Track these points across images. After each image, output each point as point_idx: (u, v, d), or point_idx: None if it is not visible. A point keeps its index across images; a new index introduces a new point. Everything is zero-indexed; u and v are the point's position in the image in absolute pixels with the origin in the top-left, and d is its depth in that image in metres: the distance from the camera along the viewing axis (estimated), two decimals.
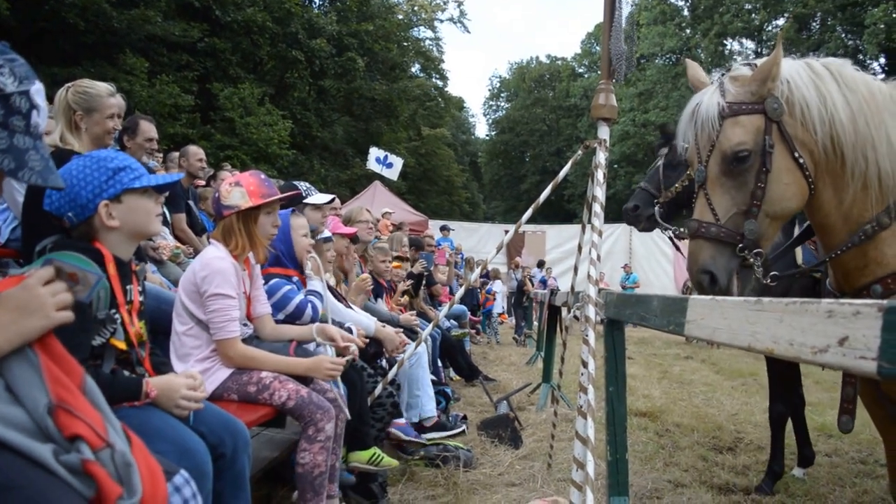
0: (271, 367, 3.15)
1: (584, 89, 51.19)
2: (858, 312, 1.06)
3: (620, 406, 2.88)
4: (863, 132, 2.51)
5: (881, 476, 5.07)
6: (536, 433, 5.85)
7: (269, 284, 3.73)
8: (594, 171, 3.46)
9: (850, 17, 40.86)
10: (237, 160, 20.98)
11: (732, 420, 6.95)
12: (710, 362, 12.13)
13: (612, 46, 3.53)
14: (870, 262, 2.60)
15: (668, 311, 2.09)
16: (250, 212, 3.23)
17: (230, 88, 24.10)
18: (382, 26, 34.19)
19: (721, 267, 2.49)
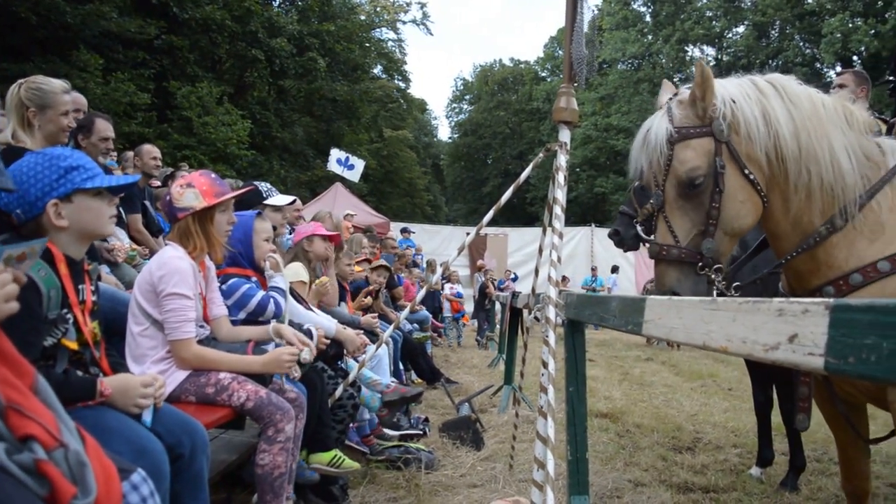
0: (227, 367, 3.12)
1: (546, 93, 51.43)
2: (807, 310, 1.08)
3: (580, 406, 2.91)
4: (806, 145, 2.59)
5: (835, 473, 5.16)
6: (498, 435, 5.87)
7: (227, 284, 3.70)
8: (555, 173, 3.48)
9: (807, 26, 41.66)
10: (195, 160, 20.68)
11: (692, 420, 7.04)
12: (671, 364, 12.27)
13: (574, 51, 3.56)
14: (821, 265, 2.68)
15: (626, 311, 2.12)
16: (206, 212, 3.20)
17: (188, 87, 23.73)
18: (344, 27, 33.96)
19: (687, 288, 2.55)
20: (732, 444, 6.04)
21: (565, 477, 3.03)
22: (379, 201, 37.97)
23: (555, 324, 3.01)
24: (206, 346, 3.17)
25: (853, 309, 0.97)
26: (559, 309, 2.98)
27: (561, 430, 3.08)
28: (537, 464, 2.77)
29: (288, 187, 25.83)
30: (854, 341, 0.95)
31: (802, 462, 4.94)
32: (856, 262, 2.62)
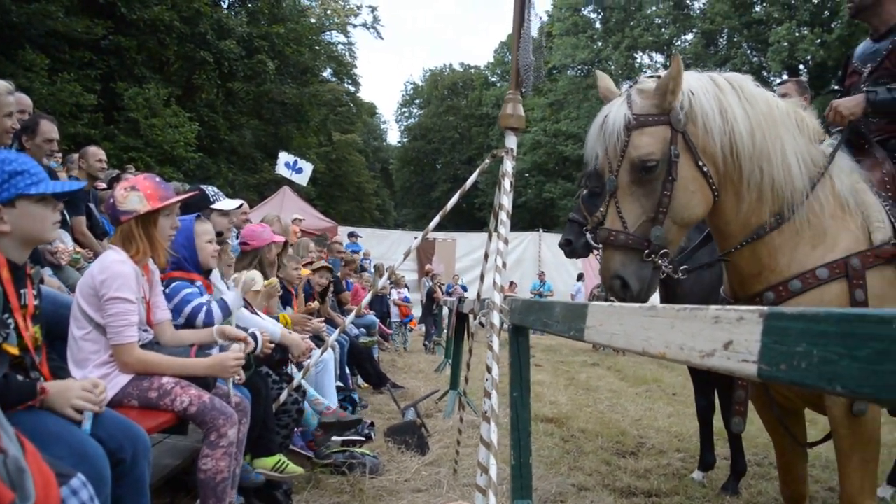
0: (170, 371, 3.08)
1: (496, 98, 51.59)
2: (742, 318, 1.10)
3: (524, 411, 2.92)
4: (760, 145, 2.66)
5: (774, 477, 5.25)
6: (443, 440, 5.88)
7: (170, 287, 3.66)
8: (501, 179, 3.50)
9: (755, 34, 42.53)
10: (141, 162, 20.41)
11: (636, 425, 7.12)
12: (616, 369, 12.39)
13: (521, 58, 3.58)
14: (764, 269, 2.76)
15: (569, 317, 2.13)
16: (149, 216, 3.16)
17: (135, 88, 23.39)
18: (294, 29, 33.69)
19: (632, 272, 2.58)
20: (675, 448, 6.13)
21: (509, 481, 3.04)
22: (327, 205, 37.72)
23: (499, 329, 3.02)
24: (149, 350, 3.13)
25: (785, 317, 0.99)
26: (504, 314, 2.99)
27: (505, 435, 3.10)
28: (481, 468, 2.78)
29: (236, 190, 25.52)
30: (786, 349, 0.97)
31: (743, 466, 5.02)
32: (797, 267, 2.71)
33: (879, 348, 0.79)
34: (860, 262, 2.69)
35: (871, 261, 2.71)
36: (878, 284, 2.71)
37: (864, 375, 0.81)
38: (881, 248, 2.74)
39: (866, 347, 0.81)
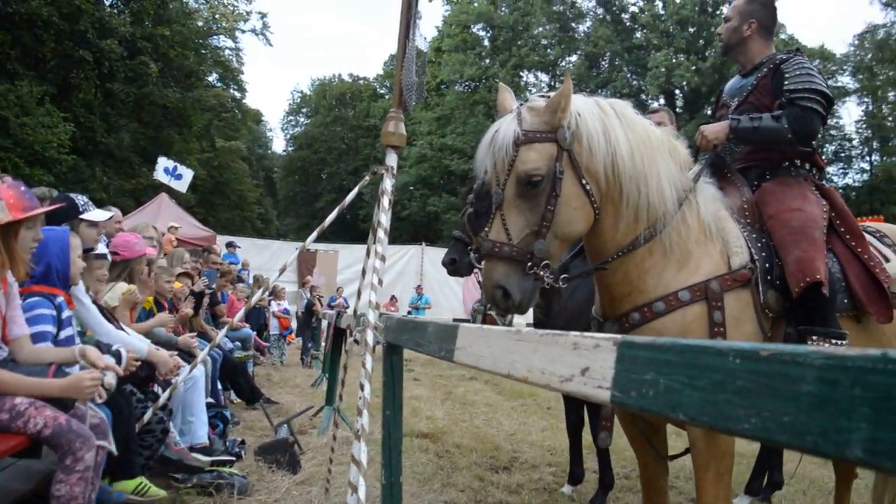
0: (24, 391, 2.92)
1: (384, 110, 51.43)
2: (598, 345, 1.13)
3: (396, 430, 2.91)
4: (639, 167, 2.80)
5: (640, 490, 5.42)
6: (317, 457, 5.77)
7: (26, 302, 3.48)
8: (380, 197, 3.50)
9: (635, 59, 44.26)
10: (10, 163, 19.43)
11: (510, 440, 7.20)
12: (493, 383, 12.47)
13: (404, 77, 3.60)
14: (633, 290, 2.90)
15: (440, 337, 2.14)
16: (10, 227, 3.00)
17: (6, 85, 22.28)
18: (180, 32, 32.82)
19: (514, 283, 2.64)
20: (548, 462, 6.23)
21: (380, 500, 3.03)
22: (207, 213, 36.83)
23: (372, 347, 3.02)
24: (3, 368, 2.97)
25: (636, 346, 1.02)
26: (378, 332, 2.99)
27: (379, 453, 3.08)
28: (351, 488, 2.76)
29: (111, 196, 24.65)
30: (636, 376, 1.00)
31: (611, 479, 5.16)
32: (662, 289, 2.87)
33: (717, 379, 0.83)
34: (719, 285, 2.86)
35: (730, 284, 2.89)
36: (736, 306, 2.90)
37: (702, 405, 0.85)
38: (738, 272, 2.93)
39: (705, 378, 0.85)
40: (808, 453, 0.72)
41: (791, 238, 3.10)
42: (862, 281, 3.28)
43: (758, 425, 0.76)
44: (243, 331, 9.96)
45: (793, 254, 3.04)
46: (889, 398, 0.62)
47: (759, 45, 3.68)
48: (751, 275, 2.96)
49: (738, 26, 3.69)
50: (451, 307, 24.83)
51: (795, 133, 3.28)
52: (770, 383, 0.75)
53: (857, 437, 0.64)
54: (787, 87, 3.39)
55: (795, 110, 3.31)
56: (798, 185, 3.41)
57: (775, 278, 3.05)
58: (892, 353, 0.63)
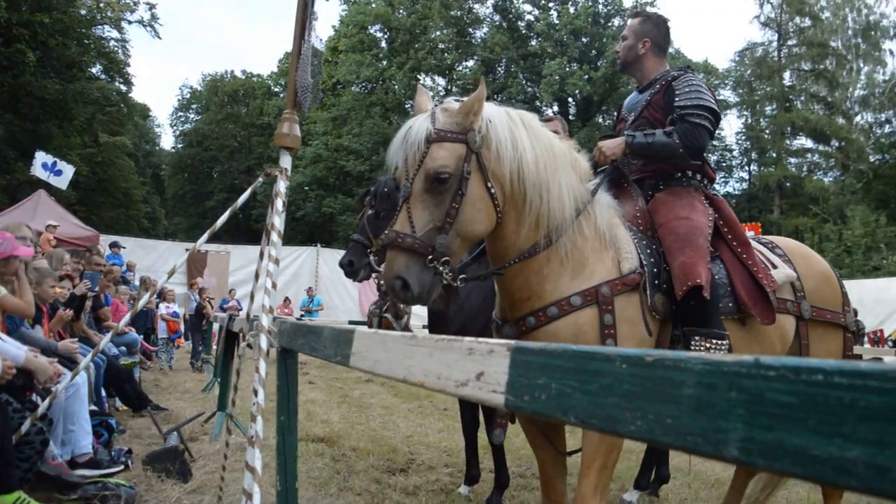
0: None
1: (278, 108, 50.58)
2: (492, 351, 1.16)
3: (291, 436, 2.89)
4: (542, 175, 2.94)
5: (536, 488, 5.52)
6: (208, 465, 5.63)
7: None
8: (274, 199, 3.46)
9: (530, 66, 45.07)
10: None
11: (407, 442, 7.22)
12: (390, 386, 12.48)
13: (299, 78, 3.57)
14: (532, 294, 3.04)
15: (336, 342, 2.13)
16: None
17: None
18: (61, 20, 31.13)
19: (414, 275, 2.72)
20: (445, 463, 6.28)
21: None
22: (90, 211, 35.46)
23: (266, 352, 2.98)
24: None
25: (529, 351, 1.05)
26: (272, 336, 2.96)
27: (273, 459, 3.05)
28: (245, 495, 2.72)
29: None
30: (529, 381, 1.02)
31: (506, 478, 5.23)
32: (557, 295, 3.01)
33: (605, 383, 0.86)
34: (609, 290, 3.02)
35: (619, 288, 3.06)
36: (625, 309, 3.07)
37: (592, 408, 0.88)
38: (628, 276, 3.10)
39: (594, 382, 0.88)
40: (690, 453, 0.76)
41: (677, 245, 3.28)
42: (746, 285, 3.48)
43: (643, 427, 0.80)
44: (129, 335, 9.66)
45: (678, 259, 3.22)
46: (761, 401, 0.67)
47: (654, 63, 3.86)
48: (639, 279, 3.13)
49: (634, 45, 3.85)
50: (347, 309, 24.74)
51: (686, 147, 3.48)
52: (654, 387, 0.79)
53: (733, 437, 0.69)
54: (677, 103, 3.58)
55: (686, 126, 3.50)
56: (688, 195, 3.61)
57: (662, 282, 3.22)
58: (763, 358, 0.68)
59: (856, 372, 0.60)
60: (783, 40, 46.11)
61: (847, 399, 0.60)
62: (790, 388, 0.64)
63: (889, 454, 0.56)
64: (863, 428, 0.58)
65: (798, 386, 0.64)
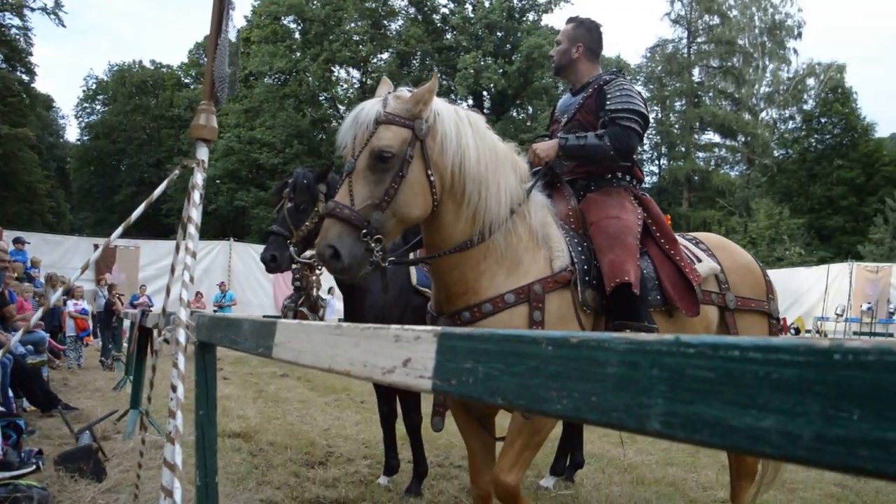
0: None
1: (189, 100, 49.50)
2: (419, 337, 1.18)
3: (211, 430, 2.86)
4: (483, 173, 3.10)
5: (454, 477, 5.60)
6: (123, 463, 5.53)
7: None
8: (191, 191, 3.39)
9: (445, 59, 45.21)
10: None
11: (325, 435, 7.21)
12: (306, 379, 12.43)
13: (216, 69, 3.50)
14: (468, 290, 3.17)
15: (257, 334, 2.13)
16: None
17: None
18: None
19: (346, 246, 2.81)
20: (363, 455, 6.30)
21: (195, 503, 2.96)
22: None
23: (185, 347, 2.94)
24: None
25: (455, 337, 1.08)
26: (190, 331, 2.91)
27: (191, 455, 3.01)
28: (164, 492, 2.67)
29: None
30: (456, 366, 1.05)
31: (425, 468, 5.29)
32: (492, 292, 3.15)
33: (532, 365, 0.89)
34: (541, 287, 3.18)
35: (551, 285, 3.22)
36: (559, 305, 3.24)
37: (519, 389, 0.91)
38: (559, 274, 3.26)
39: (522, 364, 0.91)
40: (614, 429, 0.79)
41: (607, 243, 3.44)
42: (673, 280, 3.66)
43: (569, 406, 0.83)
44: (36, 333, 9.36)
45: (607, 257, 3.38)
46: (681, 377, 0.71)
47: (587, 67, 4.01)
48: (571, 276, 3.28)
49: (568, 49, 3.99)
50: (261, 304, 24.46)
51: (616, 150, 3.63)
52: (579, 367, 0.82)
53: (655, 412, 0.72)
54: (608, 107, 3.73)
55: (616, 129, 3.66)
56: (618, 195, 3.77)
57: (592, 279, 3.37)
58: (683, 337, 0.72)
59: (769, 347, 0.64)
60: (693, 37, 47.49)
61: (761, 373, 0.64)
62: (708, 363, 0.68)
63: (800, 422, 0.61)
64: (776, 399, 0.63)
65: (716, 361, 0.68)
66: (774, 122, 48.06)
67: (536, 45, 42.02)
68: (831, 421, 0.59)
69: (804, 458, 0.60)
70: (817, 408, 0.60)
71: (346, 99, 47.89)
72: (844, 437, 0.58)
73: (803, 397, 0.61)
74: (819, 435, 0.59)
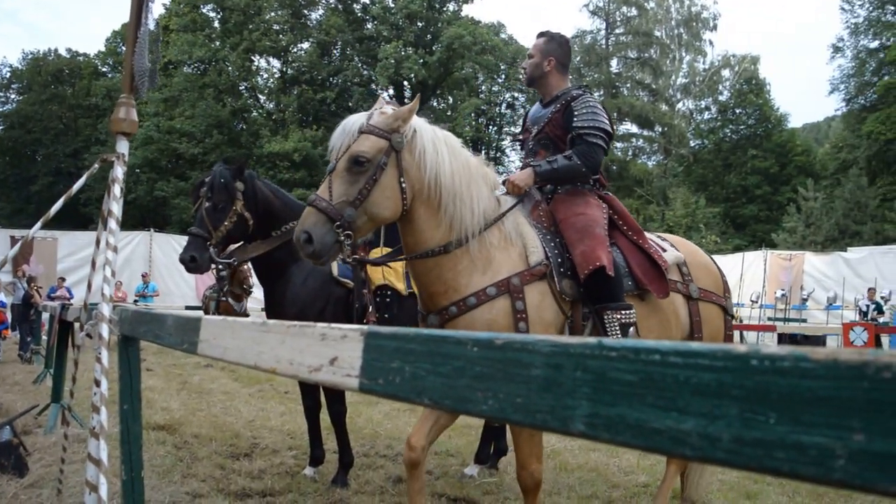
0: None
1: (107, 89, 48.05)
2: (346, 336, 1.18)
3: (135, 424, 2.81)
4: (457, 187, 3.43)
5: (380, 467, 5.61)
6: (45, 458, 5.38)
7: None
8: (111, 185, 3.31)
9: (366, 49, 44.93)
10: None
11: (249, 427, 7.14)
12: (230, 370, 12.26)
13: (136, 62, 3.43)
14: (448, 288, 3.47)
15: (182, 329, 2.10)
16: None
17: None
18: None
19: (318, 233, 3.16)
20: (289, 446, 6.26)
21: (119, 497, 2.91)
22: None
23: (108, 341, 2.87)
24: None
25: (382, 336, 1.08)
26: (113, 325, 2.85)
27: (116, 449, 2.95)
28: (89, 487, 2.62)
29: None
30: (383, 365, 1.05)
31: (350, 458, 5.29)
32: (473, 288, 3.44)
33: (457, 365, 0.90)
34: (519, 280, 3.47)
35: (528, 278, 3.50)
36: (536, 296, 3.51)
37: (445, 389, 0.92)
38: (535, 268, 3.55)
39: (447, 365, 0.92)
40: (539, 429, 0.81)
41: (576, 236, 3.72)
42: (642, 266, 3.94)
43: (494, 406, 0.84)
44: None
45: (578, 248, 3.66)
46: (604, 379, 0.72)
47: (557, 79, 4.23)
48: (546, 269, 3.57)
49: (540, 62, 4.20)
50: (183, 295, 23.99)
51: (587, 166, 3.92)
52: (504, 369, 0.83)
53: (579, 413, 0.74)
54: (575, 123, 3.99)
55: (583, 146, 3.93)
56: (583, 195, 4.03)
57: (567, 270, 3.64)
58: (606, 341, 0.73)
59: (689, 352, 0.66)
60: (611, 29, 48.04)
61: (682, 376, 0.66)
62: (631, 367, 0.70)
63: (719, 425, 0.62)
64: (695, 402, 0.64)
65: (637, 365, 0.69)
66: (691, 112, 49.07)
67: (457, 36, 42.15)
68: (749, 424, 0.61)
69: (723, 459, 0.62)
70: (736, 411, 0.62)
71: (266, 89, 47.24)
72: (762, 439, 0.60)
73: (722, 401, 0.63)
74: (737, 437, 0.61)
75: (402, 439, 6.50)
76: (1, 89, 55.01)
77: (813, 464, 0.57)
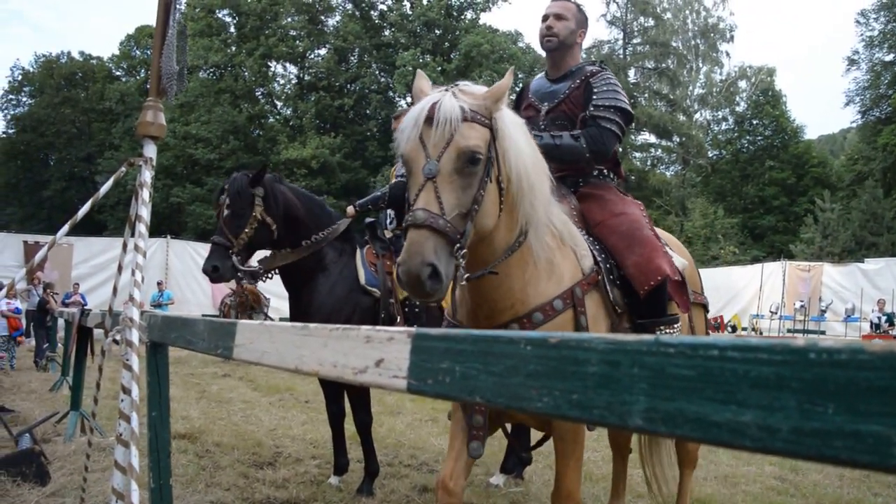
0: None
1: (121, 93, 48.45)
2: (392, 338, 1.20)
3: (164, 431, 2.83)
4: (533, 179, 2.77)
5: (405, 476, 5.62)
6: (66, 466, 5.40)
7: None
8: (139, 189, 3.35)
9: (384, 56, 45.11)
10: None
11: (271, 435, 7.16)
12: (248, 379, 12.31)
13: (164, 64, 3.45)
14: (515, 301, 2.85)
15: (216, 334, 2.10)
16: None
17: None
18: None
19: (444, 263, 2.36)
20: (311, 455, 6.28)
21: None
22: None
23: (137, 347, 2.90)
24: None
25: (431, 337, 1.11)
26: (142, 331, 2.88)
27: (141, 457, 2.98)
28: (116, 496, 2.64)
29: None
30: (432, 366, 1.08)
31: (376, 467, 5.30)
32: (539, 299, 2.87)
33: (510, 364, 0.93)
34: (581, 291, 2.96)
35: (587, 288, 3.01)
36: (592, 307, 3.03)
37: (498, 387, 0.95)
38: (590, 275, 3.07)
39: (500, 364, 0.95)
40: (596, 425, 0.83)
41: (623, 243, 3.31)
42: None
43: (549, 403, 0.87)
44: None
45: (629, 259, 3.25)
46: (662, 375, 0.75)
47: (577, 54, 3.85)
48: (598, 277, 3.11)
49: (575, 30, 3.77)
50: (199, 303, 24.05)
51: (592, 152, 3.51)
52: (559, 366, 0.86)
53: (637, 408, 0.77)
54: (595, 102, 3.58)
55: (594, 130, 3.53)
56: (612, 191, 3.66)
57: (616, 278, 3.24)
58: (663, 338, 0.76)
59: (747, 347, 0.69)
60: (628, 39, 48.12)
61: (740, 371, 0.69)
62: (689, 363, 0.73)
63: (778, 416, 0.65)
64: (754, 395, 0.67)
65: (696, 360, 0.72)
66: (708, 123, 49.11)
67: (475, 44, 42.19)
68: (807, 415, 0.64)
69: (782, 449, 0.65)
70: (794, 403, 0.65)
71: (283, 94, 47.36)
72: (820, 429, 0.63)
73: (781, 393, 0.66)
74: (796, 428, 0.64)
75: (426, 449, 6.54)
76: (12, 92, 55.24)
77: (870, 452, 0.60)
